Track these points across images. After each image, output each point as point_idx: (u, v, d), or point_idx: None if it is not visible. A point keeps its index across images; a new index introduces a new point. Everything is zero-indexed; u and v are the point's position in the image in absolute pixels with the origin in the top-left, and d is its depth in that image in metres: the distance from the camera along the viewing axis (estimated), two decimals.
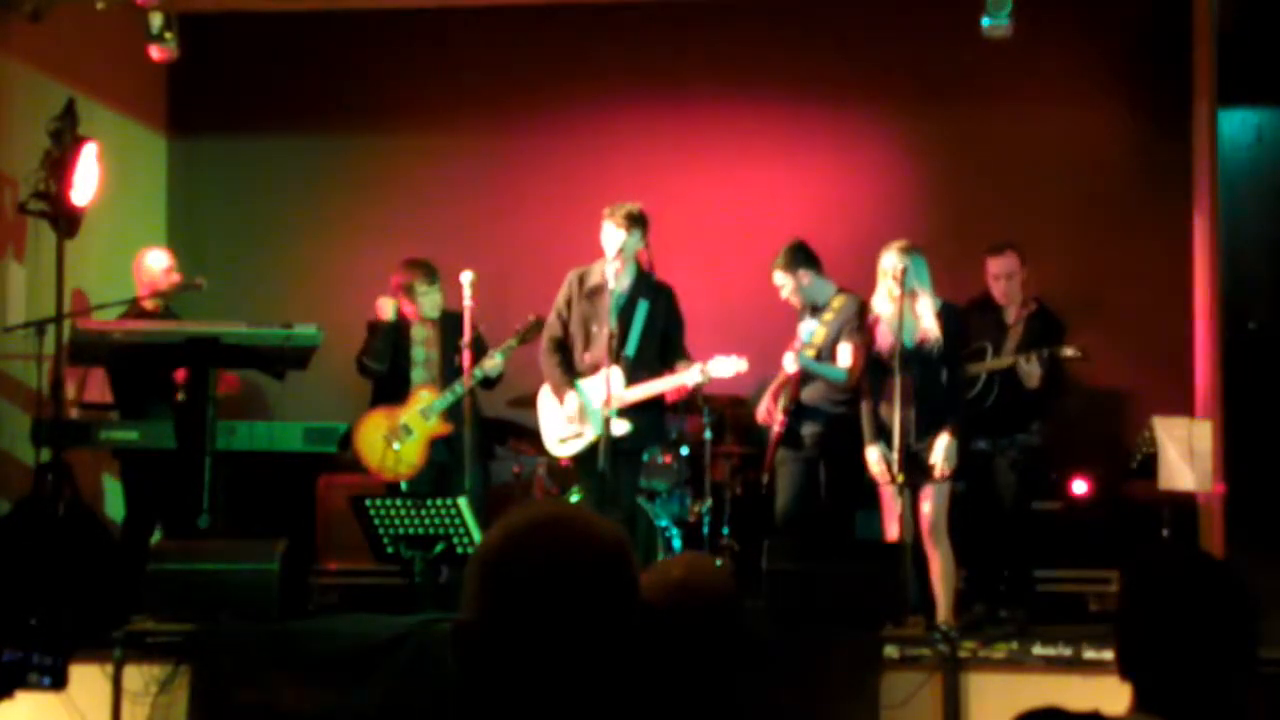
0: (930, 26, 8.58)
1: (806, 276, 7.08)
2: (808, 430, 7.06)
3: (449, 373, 7.44)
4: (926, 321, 6.66)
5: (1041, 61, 8.55)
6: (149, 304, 7.72)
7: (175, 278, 7.76)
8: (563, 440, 7.19)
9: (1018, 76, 8.57)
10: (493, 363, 7.23)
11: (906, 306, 6.63)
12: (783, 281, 7.10)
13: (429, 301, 7.55)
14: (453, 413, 7.34)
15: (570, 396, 7.06)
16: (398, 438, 7.40)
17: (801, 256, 7.09)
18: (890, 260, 6.65)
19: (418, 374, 7.56)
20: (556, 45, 9.00)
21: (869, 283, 6.92)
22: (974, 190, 8.63)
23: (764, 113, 8.86)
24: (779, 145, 8.89)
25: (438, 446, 7.42)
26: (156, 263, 7.79)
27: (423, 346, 7.60)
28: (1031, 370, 7.00)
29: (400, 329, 7.59)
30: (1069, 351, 7.03)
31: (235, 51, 9.09)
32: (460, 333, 7.24)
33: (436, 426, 7.39)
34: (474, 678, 1.76)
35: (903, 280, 6.60)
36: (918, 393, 6.60)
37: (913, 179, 8.78)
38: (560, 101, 8.98)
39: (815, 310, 7.11)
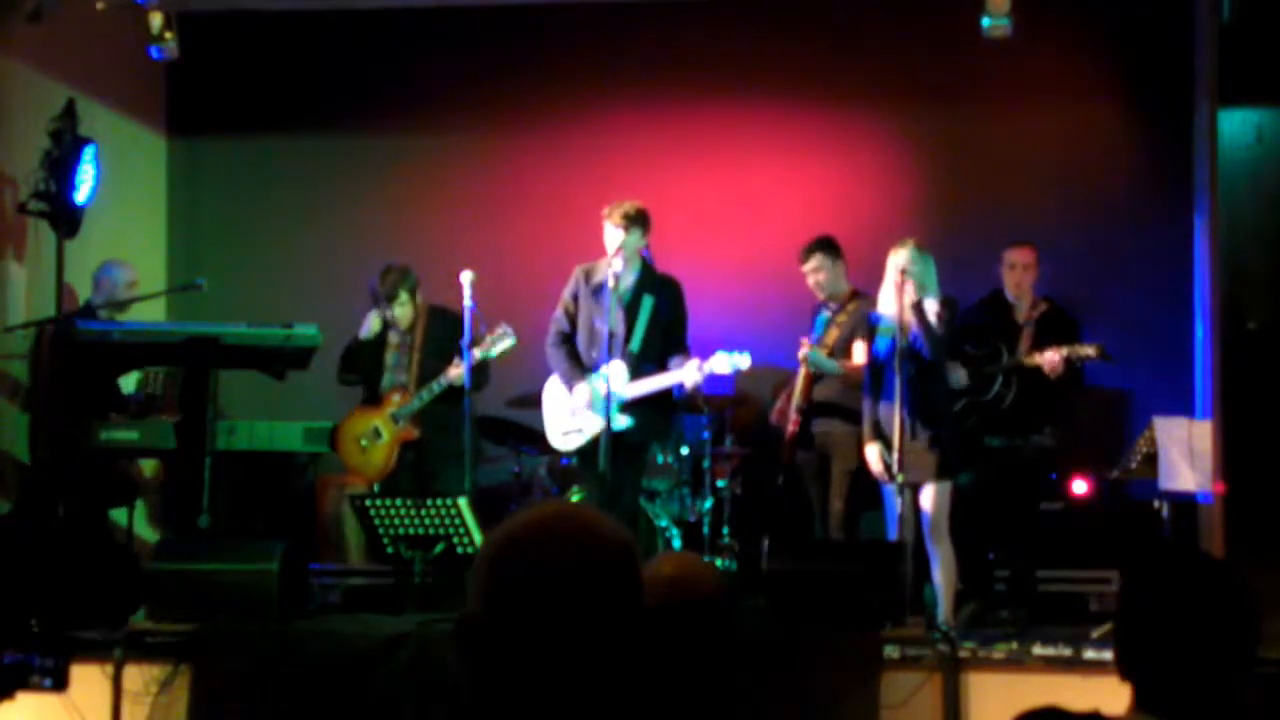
0: (930, 26, 8.57)
1: (838, 268, 7.30)
2: (820, 429, 7.12)
3: (431, 375, 7.46)
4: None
5: (1041, 61, 8.54)
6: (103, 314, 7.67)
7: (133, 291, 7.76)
8: (565, 433, 7.18)
9: (1018, 76, 8.56)
10: (457, 372, 7.26)
11: (908, 305, 6.63)
12: (819, 264, 7.29)
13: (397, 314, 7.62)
14: (429, 417, 7.33)
15: (580, 387, 7.04)
16: (368, 439, 7.51)
17: (837, 249, 7.31)
18: (898, 258, 6.66)
19: (386, 379, 7.64)
20: (557, 45, 8.99)
21: (868, 282, 6.92)
22: (974, 190, 8.62)
23: (764, 113, 8.85)
24: (779, 145, 8.88)
25: (411, 450, 7.46)
26: (122, 275, 7.80)
27: (395, 351, 7.64)
28: (1048, 357, 7.01)
29: (380, 336, 7.68)
30: (1088, 350, 7.01)
31: (235, 51, 9.08)
32: (452, 333, 7.24)
33: (404, 431, 7.46)
34: (477, 672, 1.76)
35: (906, 278, 6.60)
36: (911, 391, 6.60)
37: (913, 179, 8.77)
38: (560, 101, 8.97)
39: (827, 307, 7.25)
